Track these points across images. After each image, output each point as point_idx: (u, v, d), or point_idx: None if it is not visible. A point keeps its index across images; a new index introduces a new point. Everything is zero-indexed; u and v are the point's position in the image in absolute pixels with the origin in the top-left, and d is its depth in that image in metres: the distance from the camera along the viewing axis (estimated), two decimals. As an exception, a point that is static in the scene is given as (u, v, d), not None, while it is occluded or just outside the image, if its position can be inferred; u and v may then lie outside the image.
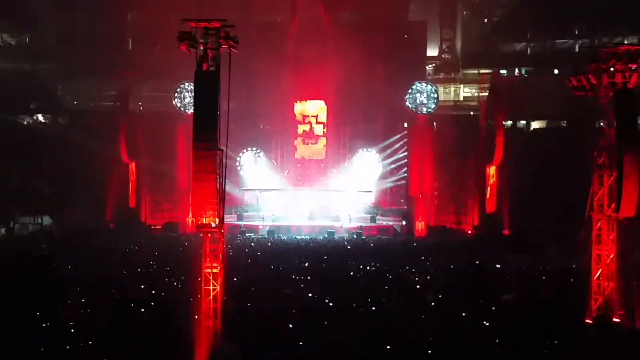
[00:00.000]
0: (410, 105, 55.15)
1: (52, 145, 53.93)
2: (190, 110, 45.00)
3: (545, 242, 39.52)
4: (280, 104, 57.43)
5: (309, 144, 58.78)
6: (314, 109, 58.62)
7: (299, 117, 58.55)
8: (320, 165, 58.74)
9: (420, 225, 52.86)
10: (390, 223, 54.66)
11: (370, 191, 56.33)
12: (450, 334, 23.91)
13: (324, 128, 58.27)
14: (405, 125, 57.87)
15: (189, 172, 22.74)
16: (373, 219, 54.71)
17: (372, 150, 57.26)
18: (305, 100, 57.77)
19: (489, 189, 52.08)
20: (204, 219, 22.34)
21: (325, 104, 57.75)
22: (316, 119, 58.56)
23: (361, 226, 52.26)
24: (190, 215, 49.65)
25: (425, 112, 55.31)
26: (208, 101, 22.27)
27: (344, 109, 57.14)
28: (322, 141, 58.63)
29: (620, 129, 24.39)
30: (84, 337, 23.15)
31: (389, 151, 58.08)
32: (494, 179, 52.00)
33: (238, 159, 57.03)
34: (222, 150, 22.01)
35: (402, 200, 57.69)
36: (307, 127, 58.57)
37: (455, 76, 66.35)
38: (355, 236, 50.05)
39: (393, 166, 58.00)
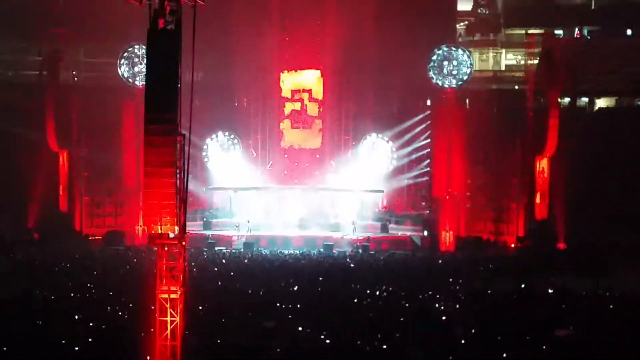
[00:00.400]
0: (434, 78, 55.52)
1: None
2: (142, 83, 47.58)
3: (612, 259, 40.53)
4: (263, 75, 58.84)
5: (299, 127, 59.95)
6: (307, 81, 59.81)
7: (286, 93, 59.76)
8: (315, 156, 60.01)
9: (447, 237, 54.23)
10: (407, 233, 55.36)
11: (381, 191, 57.38)
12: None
13: (319, 107, 59.49)
14: (429, 103, 58.55)
15: (139, 165, 21.65)
16: (384, 228, 55.89)
17: (383, 137, 58.44)
18: (296, 71, 59.17)
19: (538, 189, 53.78)
20: (159, 228, 22.70)
21: (322, 75, 58.95)
22: (309, 95, 59.68)
23: (368, 237, 53.31)
24: (141, 223, 52.08)
25: (454, 86, 55.54)
26: (165, 70, 22.30)
27: (347, 82, 58.59)
28: (317, 124, 59.85)
29: None
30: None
31: (406, 137, 59.16)
32: (546, 176, 53.38)
33: (205, 147, 58.01)
34: (184, 135, 22.30)
35: (423, 204, 59.06)
36: (297, 106, 59.55)
37: (494, 38, 67.07)
38: (360, 251, 50.96)
39: (411, 157, 59.15)
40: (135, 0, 22.04)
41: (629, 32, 60.75)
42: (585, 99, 62.26)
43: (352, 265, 45.55)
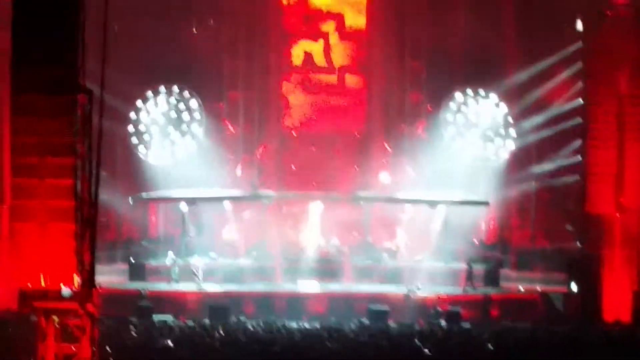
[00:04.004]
0: None
1: None
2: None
3: None
4: None
5: (318, 93, 49.23)
6: None
7: (293, 19, 50.40)
8: (354, 134, 50.15)
9: (616, 295, 42.52)
10: (538, 288, 44.00)
11: (486, 203, 46.46)
12: None
13: (356, 46, 49.67)
14: (579, 28, 47.03)
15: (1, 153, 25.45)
16: (491, 277, 44.89)
17: (487, 94, 48.01)
18: None
19: None
20: (41, 279, 20.36)
21: None
22: (338, 23, 49.31)
23: (457, 296, 43.69)
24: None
25: None
26: None
27: None
28: (354, 81, 49.87)
29: None
30: None
31: (531, 96, 47.81)
32: None
33: (133, 116, 47.39)
34: (91, 92, 20.54)
35: (567, 228, 47.51)
36: (315, 47, 49.02)
37: None
38: (443, 323, 40.39)
39: (543, 136, 47.75)
40: None
41: None
42: None
43: (428, 353, 33.86)
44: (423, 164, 48.92)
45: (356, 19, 50.25)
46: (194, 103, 48.59)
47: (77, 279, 20.45)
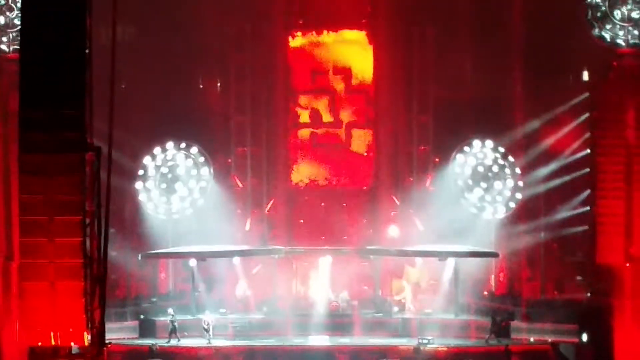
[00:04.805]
0: (596, 29, 45.47)
1: None
2: (13, 49, 41.94)
3: None
4: (254, 35, 49.20)
5: (327, 144, 49.39)
6: (340, 52, 49.92)
7: (300, 77, 49.89)
8: (362, 188, 50.18)
9: (629, 346, 43.83)
10: (549, 339, 43.89)
11: (495, 254, 46.89)
12: None
13: (366, 100, 49.31)
14: (585, 78, 48.74)
15: (8, 209, 25.75)
16: (501, 328, 44.65)
17: (496, 147, 48.34)
18: (318, 32, 49.14)
19: None
20: (51, 336, 20.04)
21: (370, 37, 49.77)
22: (346, 77, 49.30)
23: (469, 347, 44.25)
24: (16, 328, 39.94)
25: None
26: (59, 26, 20.16)
27: (418, 49, 49.05)
28: (361, 135, 49.57)
29: None
30: None
31: (540, 147, 48.00)
32: None
33: (141, 172, 47.40)
34: (98, 149, 20.72)
35: (578, 279, 48.15)
36: (320, 104, 49.36)
37: None
38: None
39: (552, 185, 47.70)
40: None
41: None
42: None
43: None
44: (431, 216, 48.88)
45: (363, 74, 50.12)
46: (201, 159, 48.55)
47: (87, 337, 20.22)
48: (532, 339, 44.94)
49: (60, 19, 20.69)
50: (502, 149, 49.11)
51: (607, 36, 46.19)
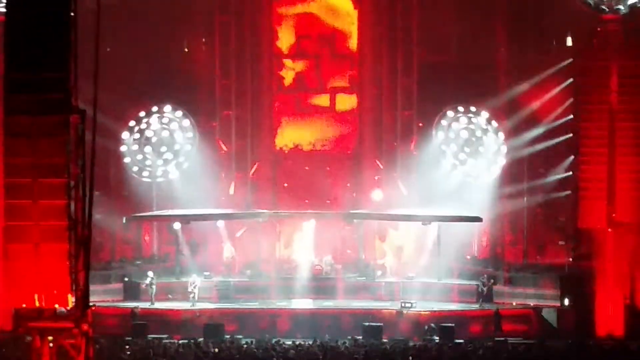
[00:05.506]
0: (588, 1, 44.33)
1: None
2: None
3: None
4: (244, 2, 49.03)
5: (310, 101, 49.59)
6: (327, 14, 49.79)
7: (285, 41, 49.36)
8: (346, 152, 50.67)
9: (609, 309, 43.47)
10: (530, 303, 45.13)
11: (478, 219, 45.85)
12: None
13: (350, 65, 49.55)
14: (569, 43, 49.19)
15: None
16: (484, 294, 45.15)
17: (479, 112, 47.96)
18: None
19: None
20: (36, 299, 20.12)
21: (354, 1, 49.89)
22: (332, 43, 49.77)
23: (452, 311, 44.81)
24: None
25: (623, 11, 44.16)
26: None
27: (405, 10, 48.66)
28: (345, 99, 49.33)
29: None
30: None
31: (523, 112, 47.88)
32: None
33: (126, 136, 47.84)
34: (84, 112, 20.56)
35: (560, 243, 48.23)
36: (302, 66, 49.24)
37: None
38: (436, 339, 41.42)
39: (535, 150, 48.21)
40: None
41: None
42: None
43: None
44: (415, 180, 49.19)
45: (348, 39, 50.33)
46: (186, 122, 48.79)
47: (71, 299, 20.15)
48: (514, 303, 45.52)
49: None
50: (486, 114, 49.23)
51: (591, 2, 45.91)
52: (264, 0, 50.75)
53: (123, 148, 48.47)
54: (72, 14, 20.51)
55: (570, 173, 48.13)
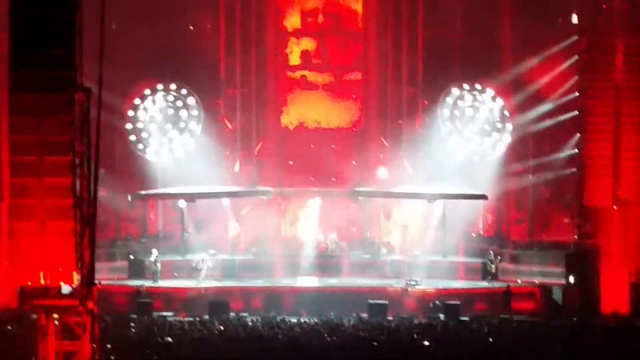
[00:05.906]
0: None
1: None
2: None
3: None
4: None
5: (315, 79, 49.14)
6: None
7: (292, 21, 49.43)
8: (351, 130, 50.36)
9: (615, 287, 43.17)
10: (535, 281, 44.85)
11: (484, 197, 46.17)
12: None
13: (356, 41, 49.80)
14: (574, 21, 48.20)
15: None
16: (489, 272, 45.05)
17: (484, 90, 47.78)
18: None
19: None
20: (41, 277, 19.99)
21: None
22: (337, 19, 49.75)
23: (457, 289, 44.16)
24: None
25: None
26: None
27: None
28: (350, 77, 49.80)
29: None
30: None
31: (528, 90, 47.58)
32: None
33: (131, 113, 47.39)
34: (89, 90, 20.38)
35: (565, 221, 47.32)
36: (311, 44, 49.00)
37: None
38: (442, 317, 41.22)
39: (540, 129, 47.97)
40: None
41: None
42: None
43: (427, 345, 34.04)
44: (420, 158, 49.01)
45: (353, 17, 50.14)
46: (191, 100, 48.40)
47: (76, 277, 20.11)
48: (519, 281, 45.42)
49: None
50: (491, 92, 49.01)
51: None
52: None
53: (128, 126, 48.29)
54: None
55: (576, 150, 47.72)
